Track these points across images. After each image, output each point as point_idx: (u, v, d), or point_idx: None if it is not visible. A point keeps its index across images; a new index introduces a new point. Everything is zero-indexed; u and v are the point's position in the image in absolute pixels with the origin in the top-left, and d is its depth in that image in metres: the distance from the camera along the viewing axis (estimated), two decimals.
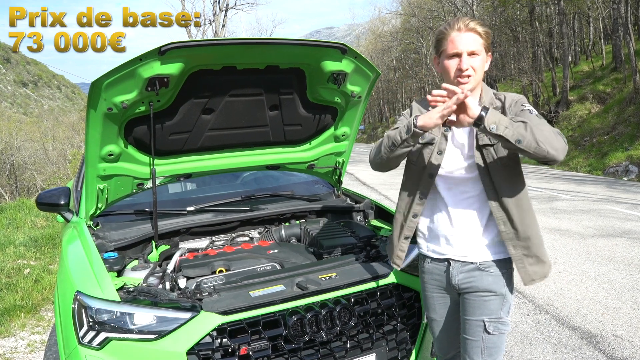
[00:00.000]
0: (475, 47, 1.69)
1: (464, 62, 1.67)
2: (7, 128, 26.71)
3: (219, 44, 2.13)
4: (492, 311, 1.78)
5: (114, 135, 2.21)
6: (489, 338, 1.78)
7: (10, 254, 5.67)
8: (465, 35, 1.69)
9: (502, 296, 1.79)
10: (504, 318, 1.80)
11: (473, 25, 1.70)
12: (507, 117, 1.60)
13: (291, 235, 2.79)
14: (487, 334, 1.78)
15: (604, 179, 13.51)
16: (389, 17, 52.55)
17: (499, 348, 1.81)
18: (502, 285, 1.79)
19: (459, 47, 1.68)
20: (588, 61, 24.80)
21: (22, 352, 3.49)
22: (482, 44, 1.71)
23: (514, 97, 1.77)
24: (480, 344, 1.79)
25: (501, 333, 1.80)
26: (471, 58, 1.69)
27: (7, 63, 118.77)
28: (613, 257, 5.48)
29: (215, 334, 1.78)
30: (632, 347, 3.34)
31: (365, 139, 50.28)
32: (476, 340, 1.80)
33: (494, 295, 1.79)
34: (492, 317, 1.78)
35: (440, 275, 1.89)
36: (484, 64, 1.74)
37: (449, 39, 1.70)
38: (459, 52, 1.68)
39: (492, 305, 1.78)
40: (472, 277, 1.79)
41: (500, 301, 1.79)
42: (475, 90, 1.77)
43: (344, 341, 2.00)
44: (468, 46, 1.68)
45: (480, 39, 1.70)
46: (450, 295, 1.91)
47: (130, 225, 2.54)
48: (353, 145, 2.91)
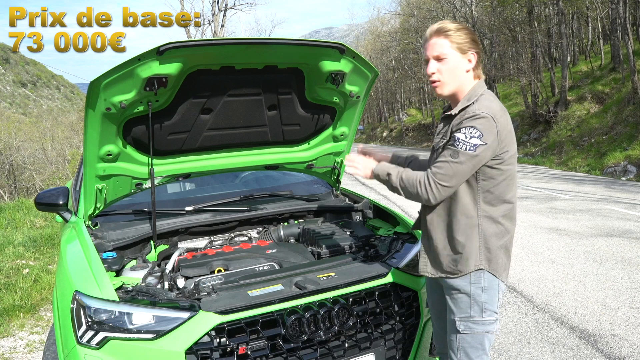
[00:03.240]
0: (440, 51, 1.76)
1: (429, 67, 1.79)
2: (6, 128, 26.64)
3: (218, 43, 2.13)
4: (461, 310, 1.81)
5: (113, 135, 2.21)
6: (461, 337, 1.81)
7: (9, 254, 5.67)
8: (432, 41, 1.78)
9: (467, 294, 1.79)
10: (475, 317, 1.79)
11: (438, 27, 1.78)
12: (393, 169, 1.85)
13: (290, 235, 2.79)
14: (459, 333, 1.81)
15: (603, 178, 13.52)
16: (388, 17, 52.54)
17: (474, 348, 1.81)
18: (467, 284, 1.80)
19: (426, 52, 1.80)
20: (587, 61, 24.82)
21: (21, 352, 3.49)
22: (451, 46, 1.75)
23: (472, 111, 1.71)
24: (455, 343, 1.83)
25: (474, 332, 1.79)
26: (438, 63, 1.78)
27: (6, 63, 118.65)
28: (611, 256, 5.49)
29: (214, 334, 1.78)
30: (630, 346, 3.35)
31: (364, 140, 50.26)
32: (451, 340, 1.85)
33: (460, 293, 1.81)
34: (462, 316, 1.81)
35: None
36: (459, 65, 1.77)
37: (424, 47, 1.83)
38: (426, 58, 1.81)
39: (460, 304, 1.81)
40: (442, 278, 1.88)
41: (468, 299, 1.80)
42: (458, 94, 1.82)
43: (343, 341, 2.00)
44: (433, 51, 1.77)
45: (448, 41, 1.75)
46: (438, 287, 1.97)
47: (128, 225, 2.54)
48: (352, 145, 2.92)
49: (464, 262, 1.79)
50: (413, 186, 1.77)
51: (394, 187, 1.84)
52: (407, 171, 1.82)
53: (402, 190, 1.81)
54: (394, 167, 1.87)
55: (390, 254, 2.33)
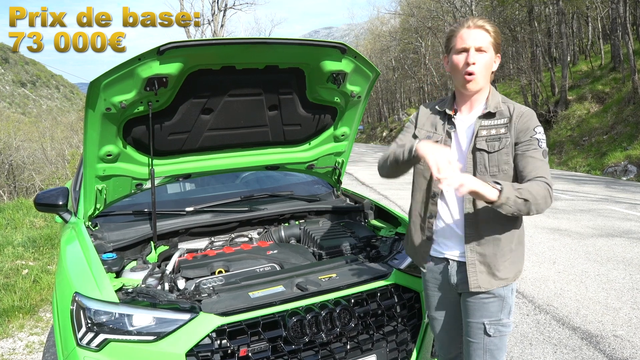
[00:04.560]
0: (483, 44, 1.70)
1: (470, 56, 1.69)
2: (6, 128, 26.64)
3: (218, 43, 2.12)
4: (492, 313, 1.77)
5: (113, 135, 2.20)
6: (490, 340, 1.78)
7: (8, 254, 5.65)
8: (474, 31, 1.70)
9: (501, 298, 1.78)
10: (504, 320, 1.79)
11: (482, 23, 1.72)
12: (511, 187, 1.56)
13: (291, 235, 2.78)
14: (488, 337, 1.77)
15: (603, 178, 13.52)
16: (388, 17, 52.57)
17: (500, 350, 1.80)
18: (501, 287, 1.78)
19: (467, 42, 1.70)
20: (587, 61, 24.82)
21: (20, 353, 3.48)
22: (491, 42, 1.72)
23: (523, 111, 1.74)
24: (481, 346, 1.79)
25: (502, 335, 1.79)
26: (478, 54, 1.70)
27: (5, 63, 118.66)
28: (612, 257, 5.48)
29: (215, 336, 1.77)
30: (633, 347, 3.33)
31: (364, 139, 50.28)
32: (477, 343, 1.79)
33: (493, 297, 1.78)
34: (492, 320, 1.77)
35: (439, 274, 1.89)
36: (492, 63, 1.74)
37: (458, 36, 1.72)
38: (466, 46, 1.70)
39: (492, 308, 1.77)
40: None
41: (500, 303, 1.78)
42: (481, 93, 1.78)
43: (344, 342, 1.99)
44: (476, 42, 1.69)
45: (489, 37, 1.71)
46: (450, 294, 1.90)
47: (129, 226, 2.53)
48: (352, 145, 2.91)
49: (516, 267, 1.79)
50: (545, 198, 1.60)
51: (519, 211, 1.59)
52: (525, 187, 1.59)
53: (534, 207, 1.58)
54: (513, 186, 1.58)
55: (392, 255, 2.32)
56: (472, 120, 1.78)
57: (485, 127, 1.74)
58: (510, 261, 1.77)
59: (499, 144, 1.71)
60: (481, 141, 1.73)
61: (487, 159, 1.72)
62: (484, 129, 1.74)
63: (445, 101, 1.89)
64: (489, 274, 1.75)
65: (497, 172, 1.71)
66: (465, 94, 1.79)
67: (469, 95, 1.78)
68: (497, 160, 1.71)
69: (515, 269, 1.80)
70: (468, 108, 1.81)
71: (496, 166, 1.71)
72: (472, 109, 1.81)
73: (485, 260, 1.74)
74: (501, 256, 1.75)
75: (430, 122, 1.88)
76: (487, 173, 1.71)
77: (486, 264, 1.74)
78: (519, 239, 1.80)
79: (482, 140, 1.73)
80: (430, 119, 1.89)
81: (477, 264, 1.75)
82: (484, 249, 1.75)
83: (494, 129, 1.73)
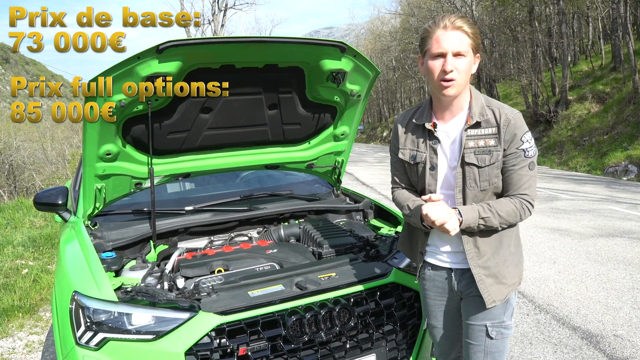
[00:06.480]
0: (462, 48, 1.56)
1: (448, 63, 1.55)
2: (6, 128, 26.62)
3: (218, 42, 2.12)
4: (495, 315, 1.75)
5: (112, 134, 2.20)
6: (491, 343, 1.75)
7: (8, 254, 5.66)
8: (452, 34, 1.56)
9: (506, 301, 1.76)
10: (507, 322, 1.76)
11: (460, 24, 1.57)
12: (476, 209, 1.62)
13: (290, 235, 2.78)
14: (490, 339, 1.74)
15: (604, 178, 13.50)
16: (389, 17, 52.54)
17: (501, 352, 1.78)
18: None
19: (444, 46, 1.56)
20: (587, 61, 24.79)
21: (20, 352, 3.48)
22: (470, 44, 1.58)
23: (509, 117, 1.63)
24: (482, 348, 1.76)
25: (504, 337, 1.76)
26: (457, 59, 1.56)
27: (6, 63, 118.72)
28: (613, 256, 5.47)
29: (214, 334, 1.77)
30: (633, 347, 3.33)
31: (364, 139, 50.26)
32: (478, 345, 1.76)
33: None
34: (494, 322, 1.75)
35: (441, 283, 1.84)
36: (471, 66, 1.62)
37: (434, 38, 1.58)
38: (443, 52, 1.56)
39: (495, 310, 1.74)
40: (474, 284, 1.73)
41: (504, 305, 1.75)
42: (461, 97, 1.66)
43: (344, 341, 1.99)
44: (454, 46, 1.55)
45: (468, 38, 1.57)
46: (451, 300, 1.86)
47: (128, 225, 2.53)
48: (352, 145, 2.90)
49: (519, 269, 1.78)
50: (514, 216, 1.64)
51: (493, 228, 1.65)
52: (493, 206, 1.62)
53: (501, 226, 1.65)
54: (473, 208, 1.62)
55: (392, 254, 2.32)
56: (457, 131, 1.68)
57: (472, 138, 1.64)
58: (513, 264, 1.75)
59: (489, 157, 1.63)
60: (470, 154, 1.64)
61: (477, 173, 1.64)
62: (471, 139, 1.64)
63: (423, 109, 1.76)
64: (498, 284, 1.71)
65: (488, 186, 1.66)
66: (443, 99, 1.66)
67: (448, 100, 1.66)
68: (488, 175, 1.64)
69: (519, 271, 1.78)
70: (449, 115, 1.69)
71: (487, 180, 1.65)
72: (454, 116, 1.69)
73: (491, 272, 1.70)
74: (503, 262, 1.72)
75: (411, 140, 1.76)
76: (478, 188, 1.66)
77: (493, 276, 1.71)
78: (516, 240, 1.78)
79: (471, 152, 1.64)
80: (409, 136, 1.77)
81: (485, 279, 1.69)
82: (487, 262, 1.70)
83: (482, 139, 1.63)
